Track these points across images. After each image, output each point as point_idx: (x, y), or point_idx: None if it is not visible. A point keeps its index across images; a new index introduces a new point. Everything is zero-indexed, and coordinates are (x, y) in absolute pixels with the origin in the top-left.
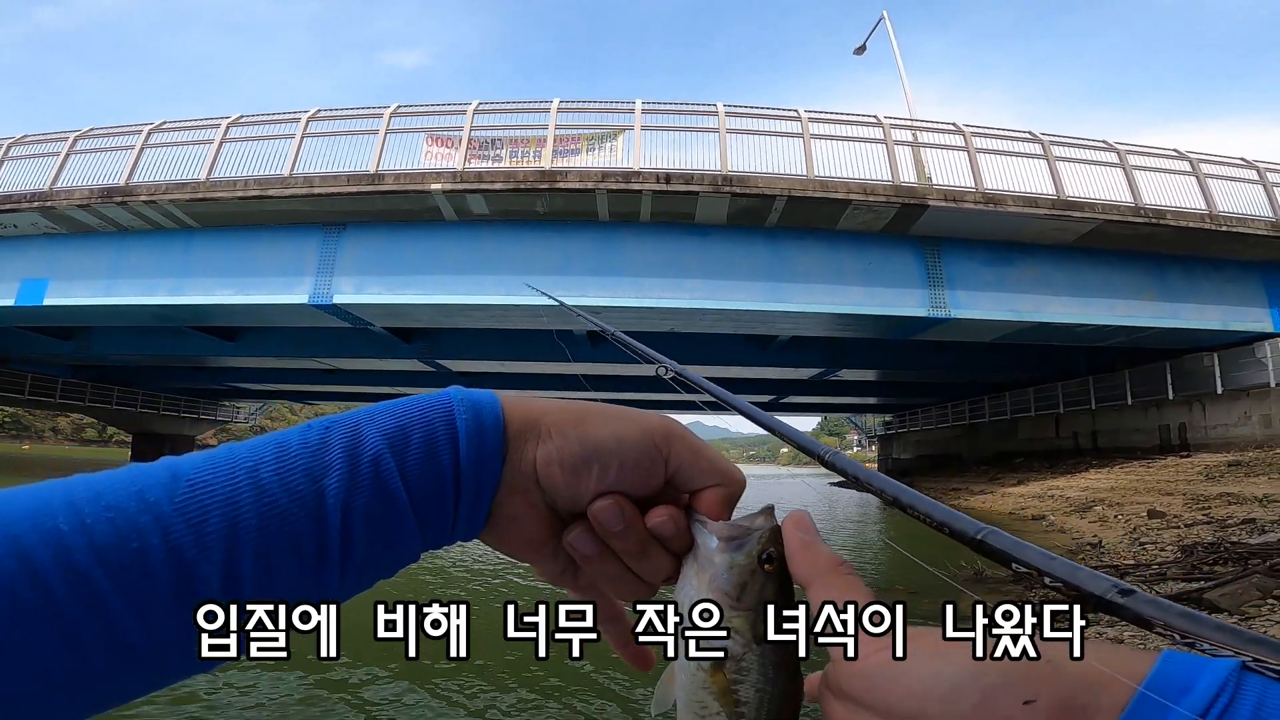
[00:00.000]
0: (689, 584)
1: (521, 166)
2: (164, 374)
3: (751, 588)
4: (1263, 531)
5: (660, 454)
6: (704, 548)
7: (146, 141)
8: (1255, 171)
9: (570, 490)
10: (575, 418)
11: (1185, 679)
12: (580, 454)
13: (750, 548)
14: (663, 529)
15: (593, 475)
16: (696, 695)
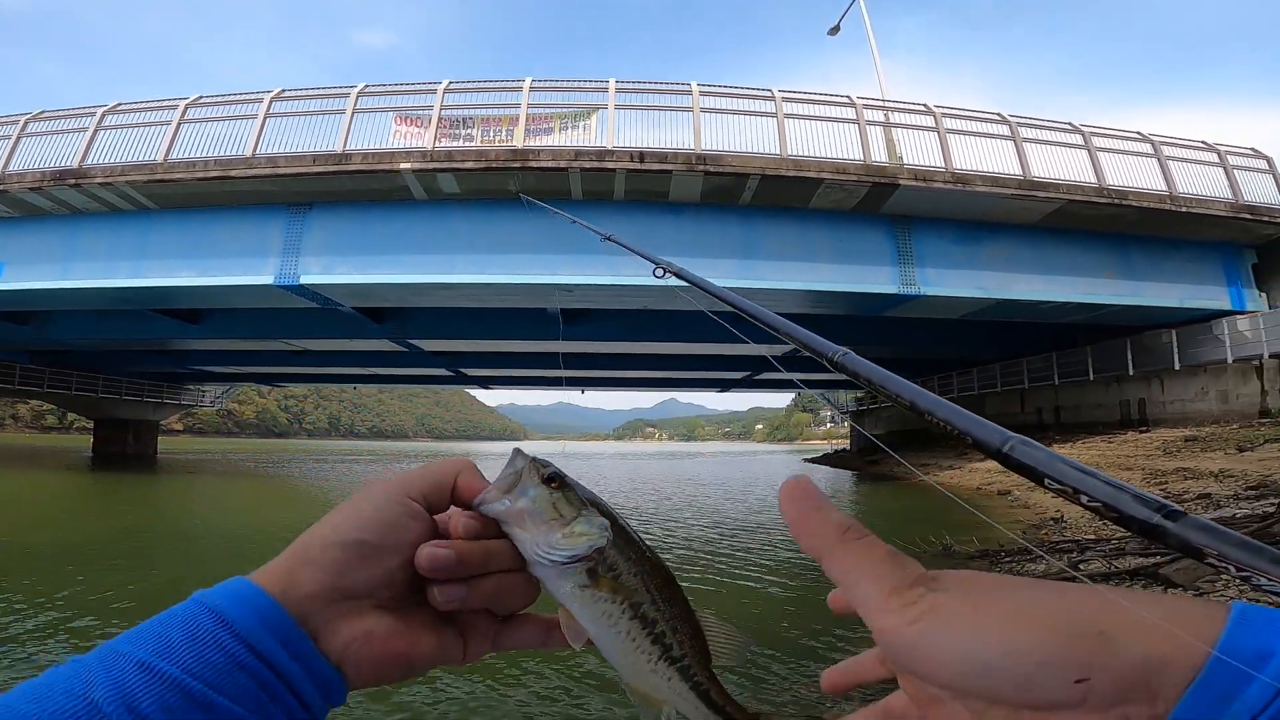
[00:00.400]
0: (524, 540)
1: (493, 146)
2: (125, 358)
3: (560, 502)
4: (1218, 506)
5: (402, 496)
6: (503, 510)
7: (100, 123)
8: (1215, 154)
9: (374, 580)
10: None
11: (1263, 642)
12: (352, 552)
13: (531, 480)
14: (471, 528)
15: (378, 557)
16: (595, 612)
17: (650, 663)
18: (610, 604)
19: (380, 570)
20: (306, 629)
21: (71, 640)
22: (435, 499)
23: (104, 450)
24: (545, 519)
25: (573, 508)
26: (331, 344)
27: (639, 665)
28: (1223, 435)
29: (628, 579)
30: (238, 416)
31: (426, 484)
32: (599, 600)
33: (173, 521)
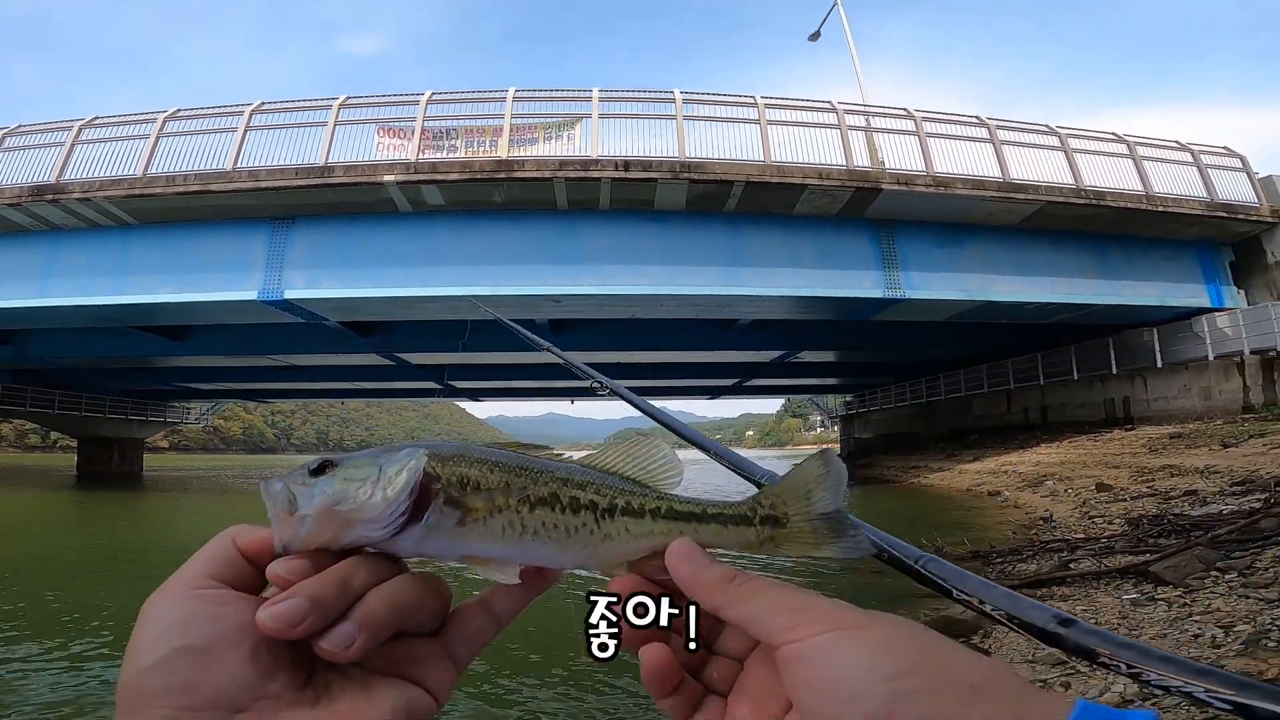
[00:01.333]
0: (368, 532)
1: (477, 157)
2: (108, 376)
3: (351, 470)
4: (1204, 503)
5: (206, 594)
6: (312, 530)
7: (78, 138)
8: (1189, 154)
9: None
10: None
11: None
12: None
13: (305, 486)
14: (296, 570)
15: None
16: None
17: (594, 532)
18: (500, 514)
19: (235, 666)
20: None
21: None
22: (232, 576)
23: (88, 469)
24: (355, 494)
25: (368, 465)
26: (317, 359)
27: (589, 544)
28: (1207, 432)
29: (490, 479)
30: (224, 433)
31: (208, 565)
32: (486, 523)
33: (160, 538)
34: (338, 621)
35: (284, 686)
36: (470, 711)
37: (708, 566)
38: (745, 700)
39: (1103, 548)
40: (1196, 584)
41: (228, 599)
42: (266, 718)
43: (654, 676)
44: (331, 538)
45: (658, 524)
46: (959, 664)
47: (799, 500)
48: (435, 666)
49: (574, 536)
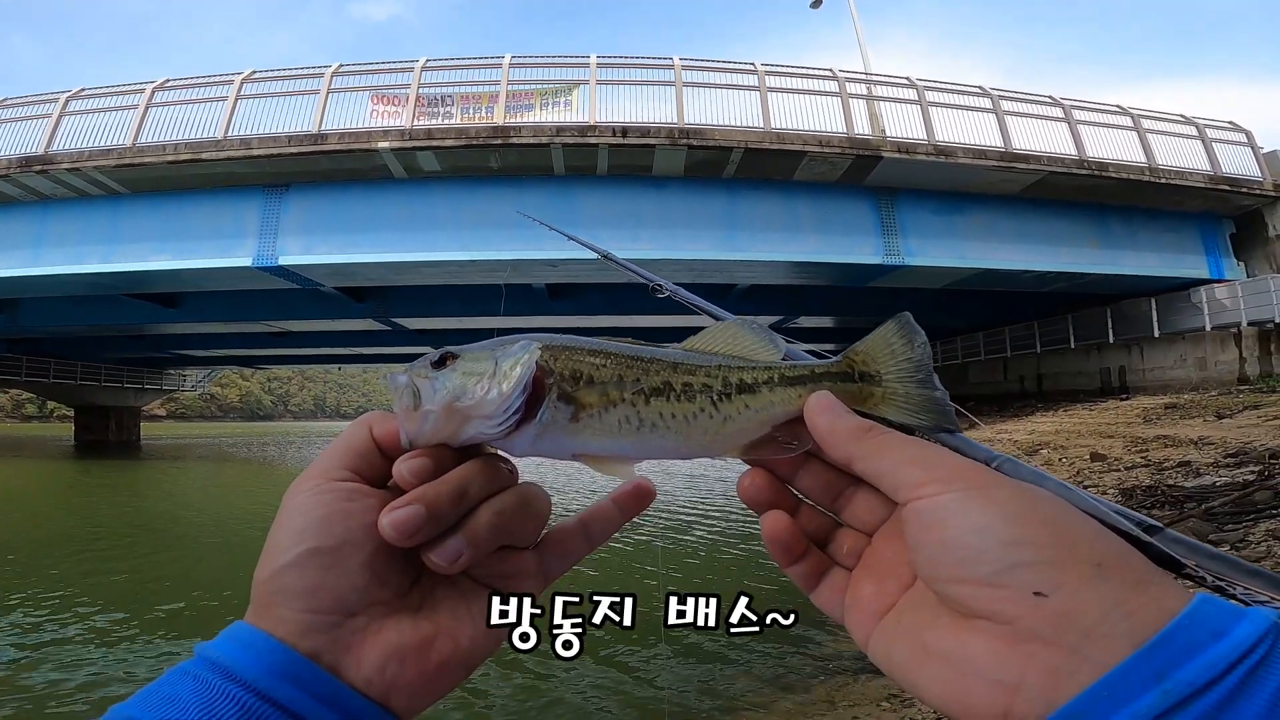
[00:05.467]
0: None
1: (473, 123)
2: (103, 344)
3: (471, 364)
4: (1197, 474)
5: (339, 491)
6: (436, 425)
7: (65, 109)
8: (1194, 127)
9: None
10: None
11: (1220, 624)
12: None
13: (427, 378)
14: (420, 470)
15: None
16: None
17: (713, 417)
18: (616, 408)
19: (356, 572)
20: (323, 665)
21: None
22: (365, 468)
23: (86, 438)
24: (472, 389)
25: (485, 360)
26: (313, 325)
27: (710, 430)
28: (1202, 402)
29: (603, 373)
30: (221, 400)
31: (344, 457)
32: (601, 415)
33: (158, 508)
34: (449, 533)
35: (394, 592)
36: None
37: (845, 416)
38: (869, 575)
39: None
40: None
41: (357, 494)
42: (375, 622)
43: (775, 543)
44: (451, 434)
45: (775, 393)
46: (1086, 539)
47: (887, 359)
48: (528, 580)
49: (693, 424)
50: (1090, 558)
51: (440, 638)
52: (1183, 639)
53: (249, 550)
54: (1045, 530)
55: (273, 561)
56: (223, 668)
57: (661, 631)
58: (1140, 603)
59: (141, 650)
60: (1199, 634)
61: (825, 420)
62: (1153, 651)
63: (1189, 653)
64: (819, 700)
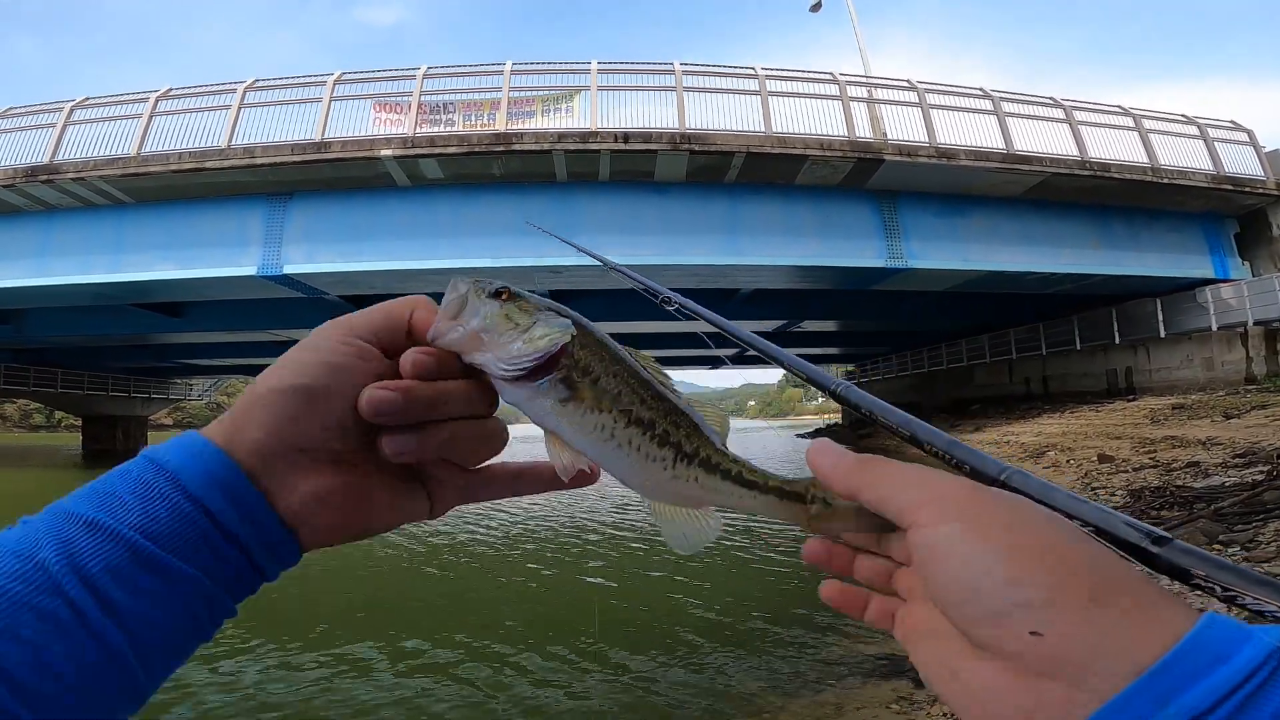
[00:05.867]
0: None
1: (475, 130)
2: (109, 354)
3: (514, 313)
4: (1206, 475)
5: (351, 337)
6: (459, 337)
7: (69, 119)
8: (1195, 127)
9: (325, 428)
10: (266, 379)
11: (1224, 649)
12: (297, 396)
13: (479, 298)
14: (423, 364)
15: (327, 400)
16: (586, 426)
17: (667, 468)
18: (599, 414)
19: (328, 418)
20: (258, 486)
21: None
22: (389, 339)
23: (93, 447)
24: (501, 332)
25: (528, 315)
26: None
27: (656, 475)
28: (1209, 403)
29: (609, 382)
30: (227, 409)
31: (377, 322)
32: (586, 413)
33: None
34: (410, 429)
35: (346, 447)
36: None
37: (844, 455)
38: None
39: None
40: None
41: (367, 356)
42: (317, 465)
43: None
44: (466, 352)
45: (725, 484)
46: (1083, 569)
47: None
48: (450, 491)
49: (648, 465)
50: (1086, 591)
51: (360, 498)
52: (1185, 665)
53: None
54: (1042, 565)
55: (270, 382)
56: (168, 472)
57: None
58: (1140, 633)
59: None
60: (1202, 659)
61: (827, 460)
62: (1154, 679)
63: (1192, 678)
64: (827, 704)
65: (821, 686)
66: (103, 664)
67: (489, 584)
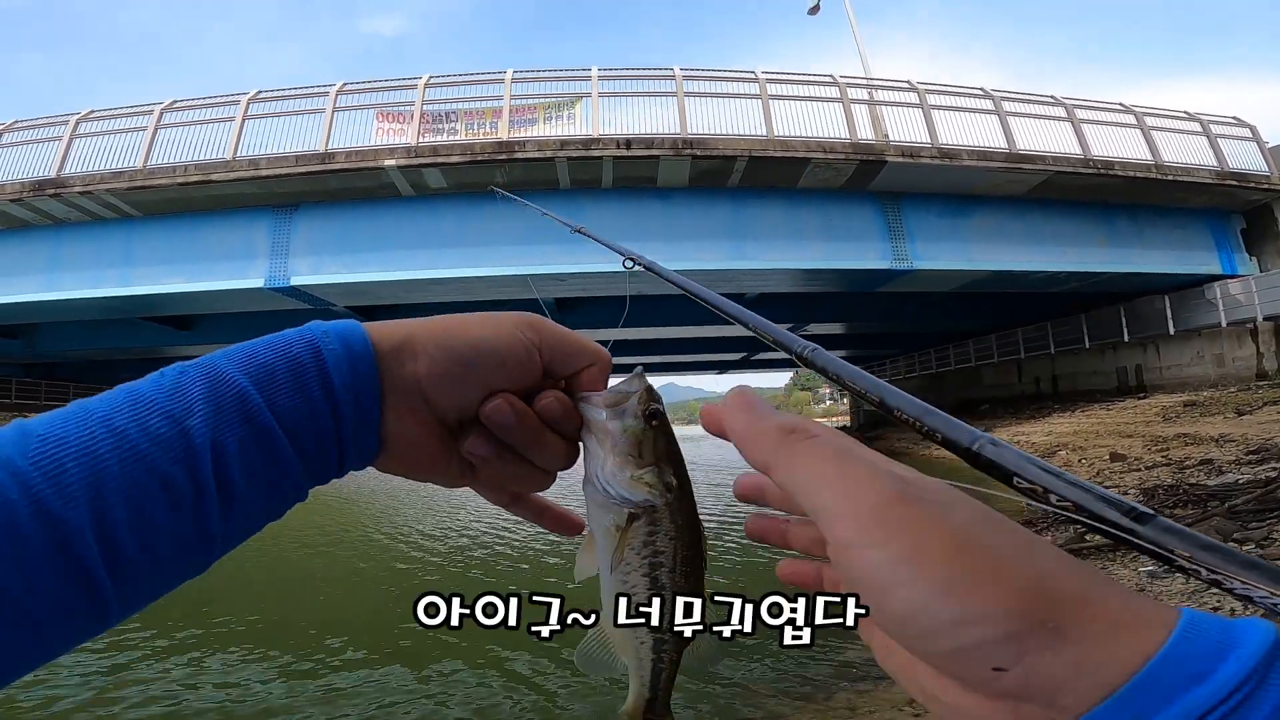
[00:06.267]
0: (595, 455)
1: (478, 139)
2: (119, 367)
3: (647, 444)
4: (1220, 472)
5: (532, 344)
6: (595, 420)
7: (75, 132)
8: (1198, 124)
9: (457, 399)
10: (444, 330)
11: (1201, 665)
12: (458, 362)
13: (634, 408)
14: (551, 411)
15: (475, 380)
16: (619, 554)
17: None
18: (632, 552)
19: (467, 395)
20: (382, 405)
21: None
22: (559, 365)
23: None
24: (624, 452)
25: (653, 455)
26: None
27: (619, 619)
28: (1221, 399)
29: (661, 541)
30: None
31: (562, 347)
32: (623, 546)
33: None
34: (495, 443)
35: (456, 419)
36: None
37: (762, 418)
38: None
39: None
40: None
41: (528, 367)
42: (427, 419)
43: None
44: (590, 433)
45: (648, 674)
46: (1038, 587)
47: None
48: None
49: (623, 606)
50: (1046, 617)
51: (440, 457)
52: (1158, 685)
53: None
54: (994, 596)
55: (455, 336)
56: (324, 362)
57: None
58: (1107, 654)
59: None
60: (1176, 679)
61: (740, 421)
62: (1124, 701)
63: (1165, 699)
64: (839, 707)
65: (834, 689)
66: (195, 544)
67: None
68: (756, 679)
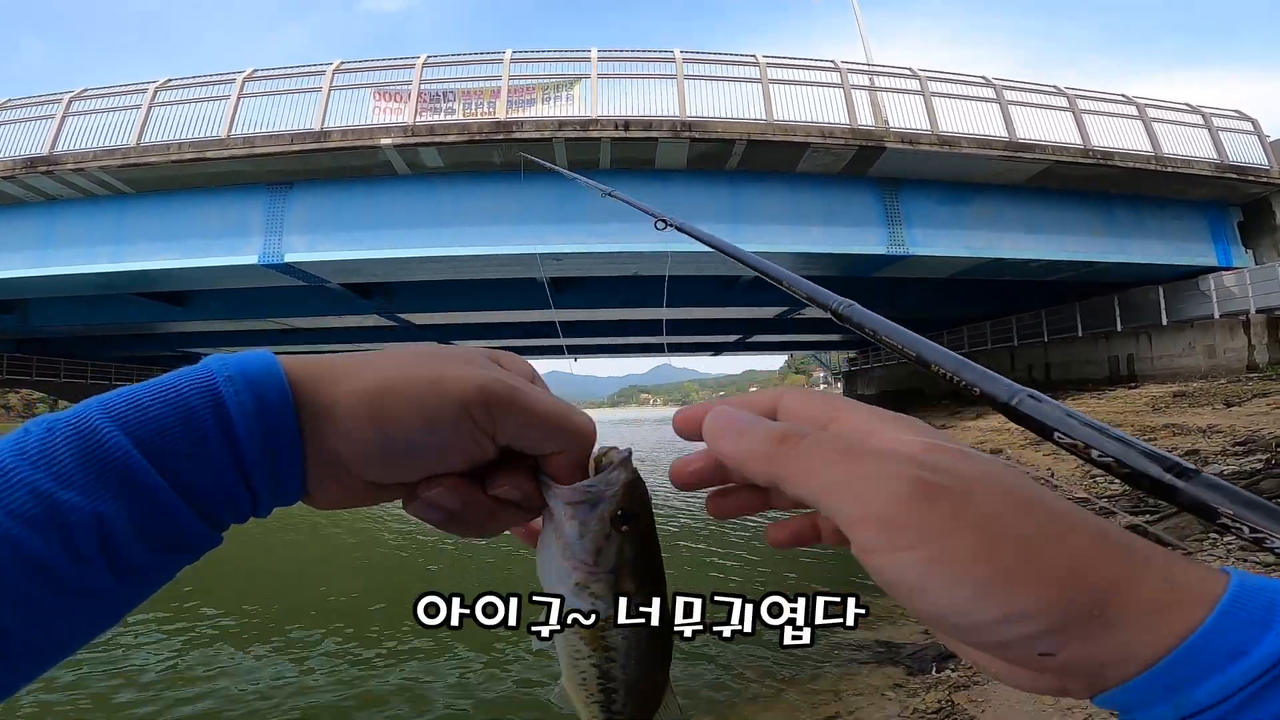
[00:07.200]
0: (548, 547)
1: (476, 119)
2: (112, 343)
3: (608, 551)
4: (1205, 463)
5: (483, 430)
6: (554, 512)
7: (68, 110)
8: (1200, 116)
9: (390, 478)
10: (374, 401)
11: (1241, 641)
12: (386, 450)
13: (602, 509)
14: (508, 496)
15: (409, 467)
16: (570, 640)
17: (584, 703)
18: (583, 643)
19: (401, 477)
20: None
21: None
22: (524, 446)
23: None
24: (576, 556)
25: (613, 562)
26: (319, 321)
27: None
28: (1210, 391)
29: (613, 639)
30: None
31: (526, 432)
32: (577, 636)
33: None
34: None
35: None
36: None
37: (752, 433)
38: None
39: (1103, 508)
40: (1195, 546)
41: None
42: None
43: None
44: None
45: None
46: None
47: None
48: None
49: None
50: (1089, 605)
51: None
52: (1198, 660)
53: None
54: (1034, 590)
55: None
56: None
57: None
58: (1153, 634)
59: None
60: (1216, 653)
61: (730, 446)
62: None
63: (1204, 673)
64: (824, 690)
65: (819, 672)
66: (92, 610)
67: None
68: (744, 660)
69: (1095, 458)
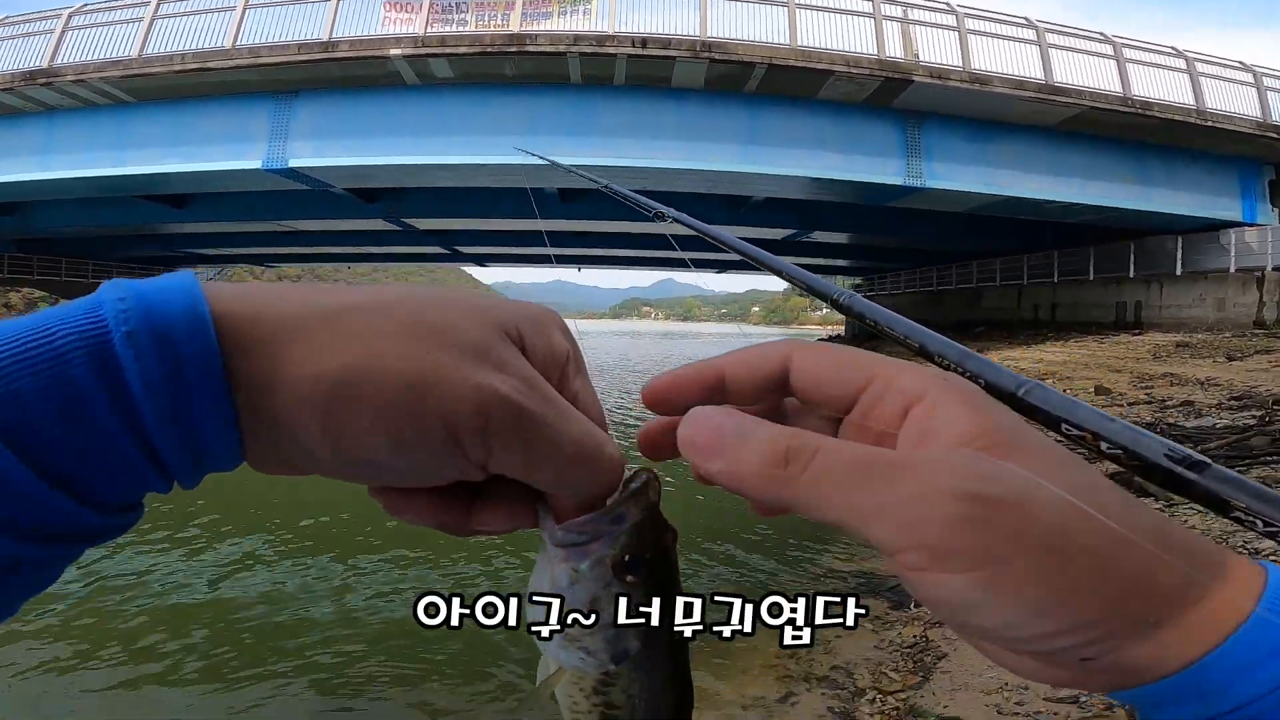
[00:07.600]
0: (541, 586)
1: (488, 30)
2: (114, 243)
3: (606, 604)
4: (1199, 415)
5: (473, 461)
6: (562, 544)
7: (68, 25)
8: (1251, 75)
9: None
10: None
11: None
12: (339, 462)
13: (602, 554)
14: (495, 528)
15: (368, 479)
16: (567, 690)
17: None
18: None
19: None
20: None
21: None
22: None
23: None
24: (575, 602)
25: (609, 616)
26: (323, 224)
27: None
28: (1214, 343)
29: (616, 696)
30: None
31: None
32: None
33: None
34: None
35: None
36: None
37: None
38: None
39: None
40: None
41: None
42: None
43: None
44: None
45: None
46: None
47: None
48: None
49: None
50: (1136, 617)
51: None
52: (1237, 658)
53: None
54: (1086, 606)
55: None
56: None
57: None
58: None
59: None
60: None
61: (718, 466)
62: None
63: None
64: None
65: None
66: None
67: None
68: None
69: (1105, 449)
